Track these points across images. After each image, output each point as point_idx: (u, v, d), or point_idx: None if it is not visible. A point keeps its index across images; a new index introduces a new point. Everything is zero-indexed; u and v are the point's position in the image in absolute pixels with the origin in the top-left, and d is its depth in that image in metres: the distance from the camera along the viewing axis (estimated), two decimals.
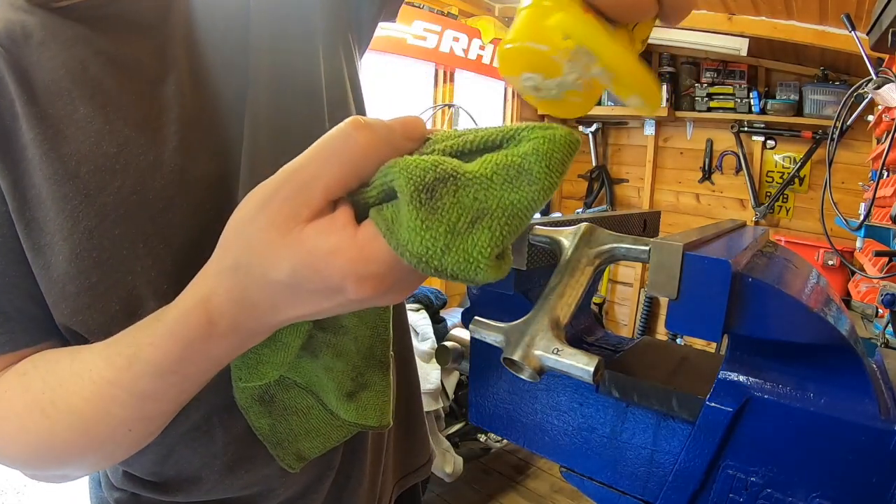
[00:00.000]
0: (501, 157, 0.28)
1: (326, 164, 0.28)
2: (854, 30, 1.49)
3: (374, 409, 0.47)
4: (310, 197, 0.28)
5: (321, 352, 0.44)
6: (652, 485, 0.43)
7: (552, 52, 0.30)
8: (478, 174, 0.27)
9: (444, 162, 0.28)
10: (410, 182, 0.27)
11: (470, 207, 0.27)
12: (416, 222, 0.26)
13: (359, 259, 0.27)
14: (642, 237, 0.36)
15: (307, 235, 0.28)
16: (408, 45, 2.73)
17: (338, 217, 0.28)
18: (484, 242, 0.27)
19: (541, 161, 0.28)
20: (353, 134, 0.28)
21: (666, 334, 3.29)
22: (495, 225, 0.27)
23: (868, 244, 1.74)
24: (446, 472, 2.10)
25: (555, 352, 0.30)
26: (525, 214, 0.28)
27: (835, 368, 0.35)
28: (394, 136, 0.29)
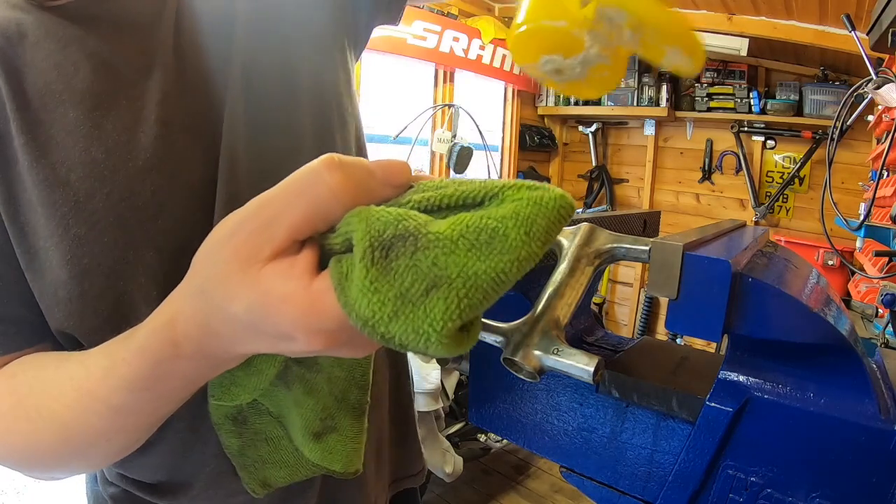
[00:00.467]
0: (475, 219, 0.25)
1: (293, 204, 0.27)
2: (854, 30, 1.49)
3: (340, 454, 0.45)
4: (273, 235, 0.27)
5: (294, 384, 0.42)
6: (652, 485, 0.43)
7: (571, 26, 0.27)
8: (442, 235, 0.24)
9: (409, 217, 0.25)
10: (367, 236, 0.24)
11: (427, 273, 0.24)
12: (364, 282, 0.24)
13: (309, 312, 0.26)
14: (642, 237, 0.36)
15: (265, 276, 0.26)
16: (408, 45, 2.73)
17: (298, 262, 0.27)
18: (437, 315, 0.23)
19: (520, 227, 0.25)
20: (324, 174, 0.27)
21: (666, 334, 3.29)
22: (452, 297, 0.24)
23: (868, 244, 1.74)
24: (446, 472, 2.10)
25: (555, 352, 0.30)
26: (492, 287, 0.24)
27: (835, 368, 0.35)
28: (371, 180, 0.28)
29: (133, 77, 0.41)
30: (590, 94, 0.33)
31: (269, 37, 0.47)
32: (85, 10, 0.40)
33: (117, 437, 0.37)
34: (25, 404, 0.37)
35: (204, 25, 0.45)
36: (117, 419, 0.35)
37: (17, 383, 0.38)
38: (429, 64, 2.99)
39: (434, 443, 2.09)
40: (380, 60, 2.75)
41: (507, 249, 0.24)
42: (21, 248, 0.38)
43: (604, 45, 0.28)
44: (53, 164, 0.38)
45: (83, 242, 0.38)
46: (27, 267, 0.38)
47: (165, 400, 0.35)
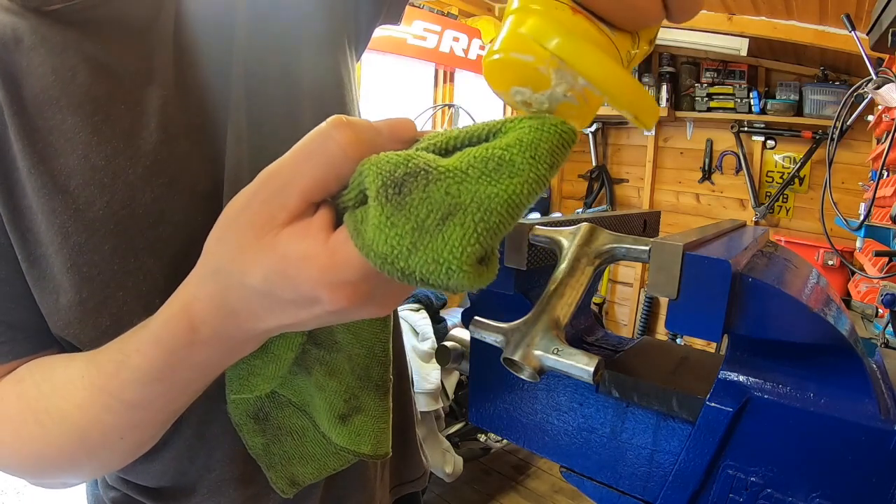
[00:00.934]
0: (482, 150, 0.25)
1: (304, 166, 0.27)
2: (854, 30, 1.49)
3: (368, 436, 0.44)
4: (286, 200, 0.27)
5: (314, 368, 0.42)
6: (652, 485, 0.43)
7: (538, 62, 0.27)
8: (452, 167, 0.25)
9: (418, 156, 0.25)
10: (378, 177, 0.25)
11: (441, 202, 0.24)
12: (380, 219, 0.24)
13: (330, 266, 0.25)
14: (642, 237, 0.36)
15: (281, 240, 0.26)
16: (408, 45, 2.73)
17: (314, 222, 0.27)
18: (456, 241, 0.24)
19: (524, 151, 0.25)
20: (333, 133, 0.27)
21: (666, 334, 3.29)
22: (469, 222, 0.24)
23: (868, 244, 1.74)
24: (446, 472, 2.10)
25: (555, 352, 0.30)
26: (507, 211, 0.24)
27: (835, 368, 0.35)
28: (379, 137, 0.28)
29: (132, 81, 0.41)
30: None
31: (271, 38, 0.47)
32: (81, 15, 0.40)
33: (131, 435, 0.37)
34: (35, 408, 0.36)
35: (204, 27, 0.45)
36: (131, 415, 0.35)
37: (26, 387, 0.38)
38: (429, 64, 2.99)
39: (434, 443, 2.09)
40: (380, 60, 2.75)
41: (516, 172, 0.25)
42: (22, 254, 0.38)
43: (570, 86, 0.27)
44: (52, 172, 0.37)
45: (83, 251, 0.37)
46: (28, 273, 0.38)
47: (180, 391, 0.35)
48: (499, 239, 0.25)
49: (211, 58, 0.44)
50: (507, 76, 0.29)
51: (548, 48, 0.26)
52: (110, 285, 0.38)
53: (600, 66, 0.26)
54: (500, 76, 0.29)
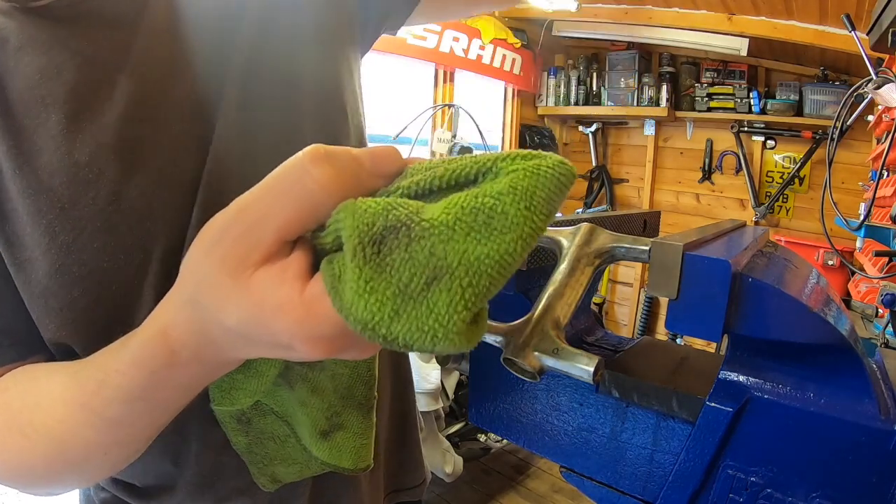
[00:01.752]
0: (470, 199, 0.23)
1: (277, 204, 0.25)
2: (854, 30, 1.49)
3: (349, 452, 0.44)
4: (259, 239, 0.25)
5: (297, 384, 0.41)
6: (652, 485, 0.43)
7: None
8: (437, 222, 0.22)
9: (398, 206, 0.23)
10: (356, 231, 0.22)
11: (425, 265, 0.22)
12: (359, 283, 0.22)
13: (305, 320, 0.24)
14: (642, 237, 0.36)
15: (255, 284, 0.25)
16: (408, 45, 2.73)
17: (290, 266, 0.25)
18: (442, 309, 0.22)
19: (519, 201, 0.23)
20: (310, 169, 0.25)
21: (666, 334, 3.29)
22: (456, 287, 0.22)
23: (868, 244, 1.74)
24: (446, 472, 2.10)
25: (555, 352, 0.30)
26: (498, 271, 0.22)
27: (835, 368, 0.35)
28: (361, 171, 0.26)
29: (118, 74, 0.40)
30: None
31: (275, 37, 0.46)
32: (69, 10, 0.39)
33: (114, 450, 0.36)
34: (19, 419, 0.36)
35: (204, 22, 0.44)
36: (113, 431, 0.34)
37: (9, 398, 0.37)
38: (429, 64, 2.99)
39: (434, 443, 2.09)
40: (380, 60, 2.75)
41: (509, 227, 0.22)
42: (9, 259, 0.37)
43: None
44: (36, 171, 0.36)
45: (71, 250, 0.37)
46: (16, 278, 0.37)
47: (162, 409, 0.34)
48: (489, 298, 0.23)
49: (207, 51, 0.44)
50: None
51: None
52: (101, 284, 0.38)
53: None
54: None
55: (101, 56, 0.39)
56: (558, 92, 3.66)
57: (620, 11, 3.00)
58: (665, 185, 3.61)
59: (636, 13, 2.97)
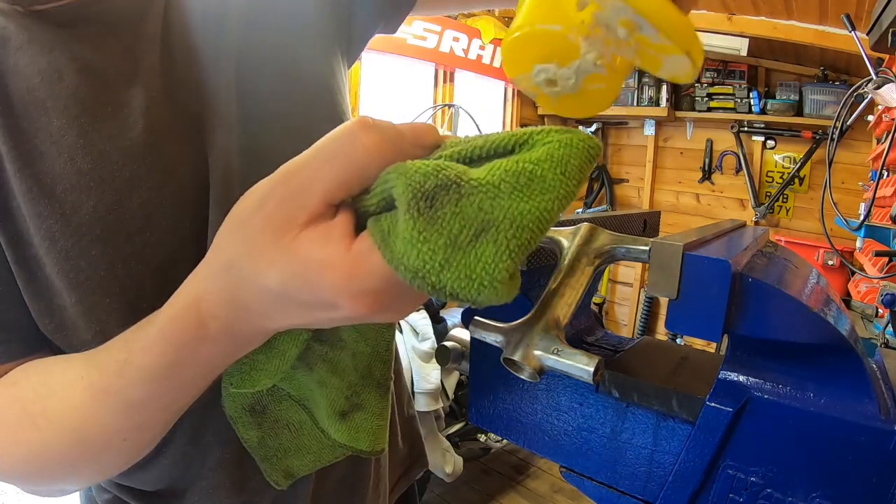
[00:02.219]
0: (511, 164, 0.25)
1: (327, 166, 0.26)
2: (854, 30, 1.49)
3: (366, 432, 0.45)
4: (307, 200, 0.26)
5: (317, 365, 0.42)
6: (652, 485, 0.43)
7: (566, 30, 0.26)
8: (484, 181, 0.25)
9: (447, 167, 0.25)
10: (409, 188, 0.24)
11: (474, 218, 0.24)
12: (412, 233, 0.24)
13: (352, 275, 0.25)
14: (642, 237, 0.36)
15: (301, 243, 0.26)
16: (408, 45, 2.73)
17: (335, 226, 0.26)
18: (489, 258, 0.24)
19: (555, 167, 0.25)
20: (359, 135, 0.26)
21: (666, 334, 3.29)
22: (501, 238, 0.24)
23: (868, 244, 1.74)
24: (446, 472, 2.10)
25: (555, 352, 0.30)
26: (538, 227, 0.25)
27: (835, 368, 0.35)
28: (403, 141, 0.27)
29: (119, 82, 0.39)
30: (584, 111, 0.32)
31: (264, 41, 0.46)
32: (71, 14, 0.39)
33: (133, 436, 0.36)
34: (31, 411, 0.36)
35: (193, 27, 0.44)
36: (134, 415, 0.34)
37: (21, 390, 0.37)
38: (429, 64, 2.99)
39: (434, 443, 2.09)
40: (380, 60, 2.75)
41: (547, 189, 0.25)
42: (13, 256, 0.37)
43: (600, 52, 0.27)
44: (37, 175, 0.36)
45: (70, 256, 0.37)
46: (18, 275, 0.38)
47: (184, 389, 0.34)
48: (529, 252, 0.25)
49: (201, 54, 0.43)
50: (529, 54, 0.28)
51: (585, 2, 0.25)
52: (97, 292, 0.37)
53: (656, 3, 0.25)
54: (522, 55, 0.28)
55: (103, 62, 0.39)
56: None
57: None
58: (665, 185, 3.61)
59: None
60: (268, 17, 0.47)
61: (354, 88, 2.57)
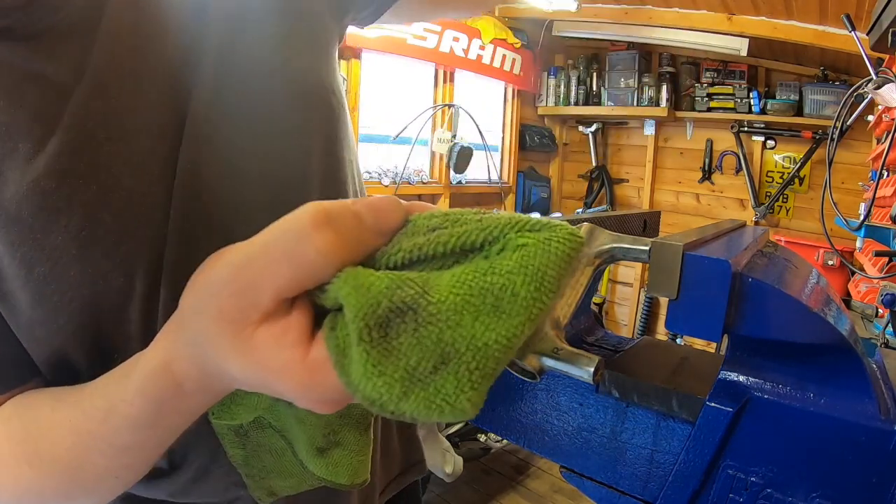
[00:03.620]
0: (478, 278, 0.23)
1: (275, 266, 0.24)
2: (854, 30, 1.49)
3: (345, 468, 0.44)
4: (258, 299, 0.25)
5: None
6: (652, 485, 0.43)
7: None
8: (444, 306, 0.22)
9: (404, 285, 0.23)
10: (360, 314, 0.22)
11: (433, 350, 0.22)
12: (366, 366, 0.22)
13: (310, 385, 0.24)
14: (642, 237, 0.36)
15: (257, 343, 0.25)
16: (408, 45, 2.73)
17: (290, 328, 0.25)
18: (449, 390, 0.22)
19: (529, 282, 0.22)
20: (313, 236, 0.24)
21: (666, 334, 3.29)
22: (463, 371, 0.22)
23: (868, 244, 1.74)
24: (446, 472, 2.10)
25: (555, 352, 0.30)
26: (504, 354, 0.23)
27: (835, 368, 0.35)
28: (363, 233, 0.25)
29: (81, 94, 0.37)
30: None
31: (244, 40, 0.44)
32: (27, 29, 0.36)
33: (124, 474, 0.37)
34: (26, 451, 0.36)
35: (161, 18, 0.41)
36: (123, 457, 0.35)
37: (13, 428, 0.37)
38: (429, 64, 2.99)
39: (434, 443, 2.09)
40: (380, 60, 2.75)
41: (518, 310, 0.23)
42: None
43: None
44: (3, 203, 0.35)
45: (49, 280, 0.36)
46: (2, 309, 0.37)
47: (170, 434, 0.35)
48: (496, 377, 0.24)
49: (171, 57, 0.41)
50: None
51: None
52: (84, 311, 0.37)
53: None
54: None
55: (60, 74, 0.37)
56: (558, 92, 3.66)
57: (620, 11, 3.00)
58: (665, 185, 3.61)
59: (636, 13, 2.97)
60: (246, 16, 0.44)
61: (354, 88, 2.57)
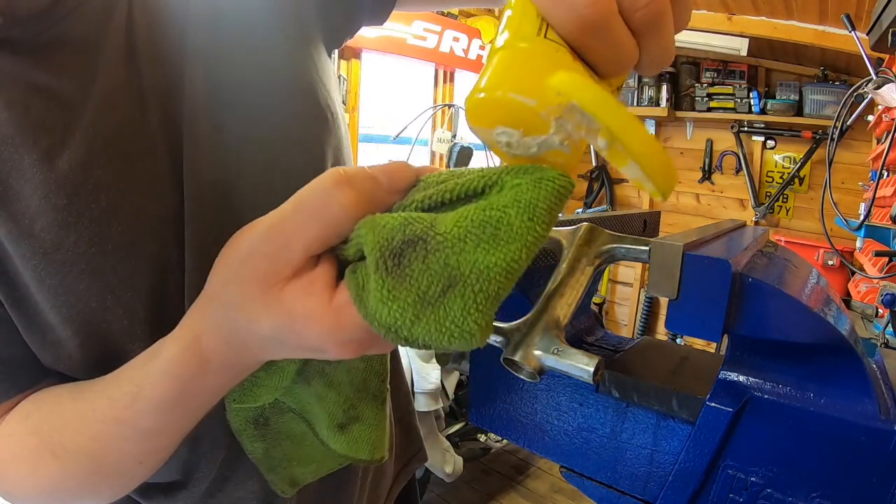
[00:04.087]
0: (479, 212, 0.25)
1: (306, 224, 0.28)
2: (854, 30, 1.49)
3: (365, 443, 0.46)
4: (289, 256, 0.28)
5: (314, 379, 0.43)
6: (652, 485, 0.43)
7: (540, 107, 0.24)
8: (450, 235, 0.25)
9: (414, 221, 0.25)
10: (377, 246, 0.25)
11: (441, 273, 0.25)
12: (382, 292, 0.25)
13: (335, 326, 0.27)
14: (642, 237, 0.36)
15: (286, 297, 0.27)
16: (408, 45, 2.73)
17: (317, 278, 0.28)
18: (457, 312, 0.24)
19: (522, 213, 0.25)
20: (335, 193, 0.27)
21: (666, 334, 3.29)
22: (469, 293, 0.24)
23: (868, 244, 1.74)
24: (446, 472, 2.10)
25: (555, 352, 0.30)
26: (505, 278, 0.25)
27: (835, 368, 0.35)
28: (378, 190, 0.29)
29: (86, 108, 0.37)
30: None
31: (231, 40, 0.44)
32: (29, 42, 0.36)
33: (147, 459, 0.38)
34: (50, 443, 0.36)
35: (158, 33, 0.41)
36: (148, 441, 0.36)
37: (35, 422, 0.37)
38: (429, 64, 2.99)
39: (434, 443, 2.09)
40: (380, 60, 2.75)
41: (514, 237, 0.25)
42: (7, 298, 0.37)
43: (569, 134, 0.25)
44: (15, 217, 0.35)
45: (58, 293, 0.36)
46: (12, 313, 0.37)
47: (194, 414, 0.36)
48: (500, 301, 0.25)
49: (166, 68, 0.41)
50: (495, 115, 0.26)
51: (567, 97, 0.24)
52: (91, 323, 0.37)
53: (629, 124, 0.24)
54: (488, 114, 0.26)
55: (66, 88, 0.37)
56: None
57: None
58: None
59: None
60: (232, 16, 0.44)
61: (354, 88, 2.57)
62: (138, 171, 0.39)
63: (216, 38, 0.43)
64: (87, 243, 0.37)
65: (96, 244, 0.37)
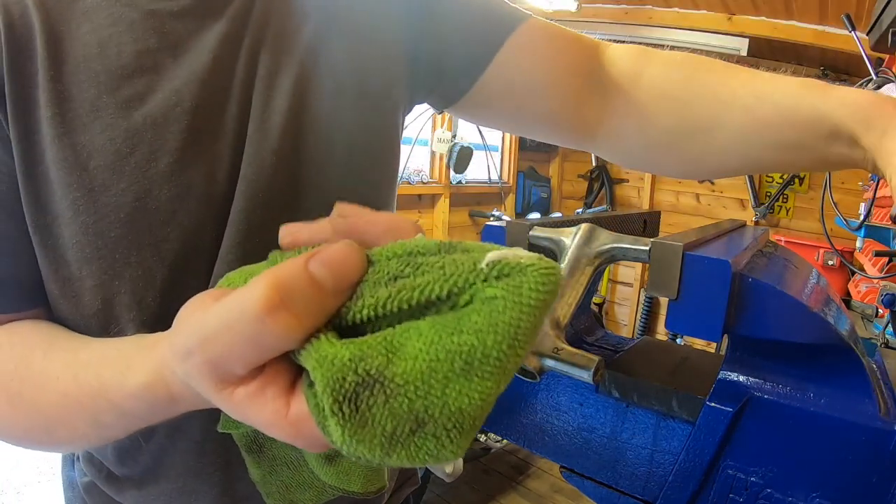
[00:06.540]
0: (445, 339, 0.21)
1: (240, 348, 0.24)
2: (854, 30, 1.49)
3: (356, 476, 0.43)
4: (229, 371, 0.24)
5: None
6: (652, 485, 0.43)
7: None
8: (411, 376, 0.21)
9: (367, 356, 0.22)
10: (327, 389, 0.22)
11: (406, 417, 0.22)
12: (344, 437, 0.22)
13: (296, 436, 0.24)
14: (642, 237, 0.36)
15: (237, 401, 0.25)
16: None
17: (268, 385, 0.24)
18: (430, 449, 0.22)
19: (501, 341, 0.21)
20: (268, 323, 0.23)
21: (666, 334, 3.29)
22: (440, 432, 0.22)
23: (868, 244, 1.74)
24: (446, 472, 2.10)
25: (555, 352, 0.30)
26: (482, 410, 0.22)
27: (835, 368, 0.35)
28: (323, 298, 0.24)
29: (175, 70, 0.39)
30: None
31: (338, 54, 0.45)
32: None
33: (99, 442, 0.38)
34: (8, 388, 0.36)
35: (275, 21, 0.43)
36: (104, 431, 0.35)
37: (2, 359, 0.37)
38: None
39: None
40: None
41: (492, 371, 0.21)
42: (30, 220, 0.37)
43: None
44: (75, 146, 0.36)
45: (88, 232, 0.37)
46: (33, 238, 0.38)
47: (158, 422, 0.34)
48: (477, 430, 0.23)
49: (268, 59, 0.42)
50: None
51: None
52: (108, 272, 0.38)
53: None
54: None
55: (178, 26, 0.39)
56: None
57: (620, 11, 3.00)
58: (665, 185, 3.61)
59: (636, 13, 2.97)
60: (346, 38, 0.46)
61: None
62: (204, 150, 0.40)
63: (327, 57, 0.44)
64: (133, 196, 0.38)
65: (142, 200, 0.38)
